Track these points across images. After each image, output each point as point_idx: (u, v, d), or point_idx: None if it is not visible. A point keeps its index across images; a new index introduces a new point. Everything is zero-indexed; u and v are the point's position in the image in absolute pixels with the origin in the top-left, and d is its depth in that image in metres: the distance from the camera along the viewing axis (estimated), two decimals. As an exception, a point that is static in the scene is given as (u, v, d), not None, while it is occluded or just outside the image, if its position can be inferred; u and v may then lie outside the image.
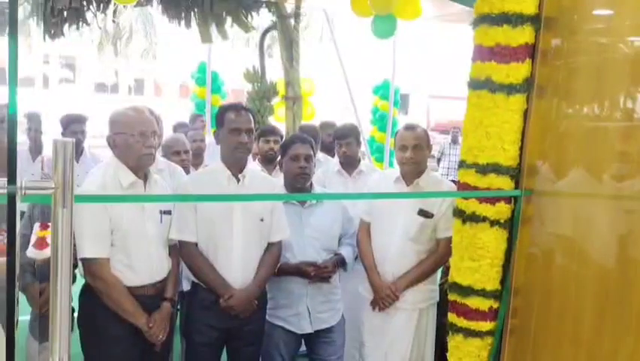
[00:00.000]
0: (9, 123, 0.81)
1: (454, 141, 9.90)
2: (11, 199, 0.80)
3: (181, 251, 2.58)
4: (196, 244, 2.56)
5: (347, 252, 2.95)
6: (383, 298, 2.81)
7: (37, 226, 2.30)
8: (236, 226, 2.55)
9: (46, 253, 2.19)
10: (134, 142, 2.32)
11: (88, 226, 2.25)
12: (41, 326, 2.70)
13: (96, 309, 2.32)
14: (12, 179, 0.80)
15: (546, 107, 2.06)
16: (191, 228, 2.53)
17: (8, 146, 0.80)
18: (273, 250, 2.67)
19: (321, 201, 2.92)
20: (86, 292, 2.39)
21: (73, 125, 4.58)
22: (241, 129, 2.57)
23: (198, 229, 2.54)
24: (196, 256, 2.55)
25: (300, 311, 2.83)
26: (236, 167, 2.61)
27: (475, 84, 2.17)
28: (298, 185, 2.84)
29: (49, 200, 0.88)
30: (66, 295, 0.90)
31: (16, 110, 0.82)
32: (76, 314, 2.49)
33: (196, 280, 2.62)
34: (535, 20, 2.05)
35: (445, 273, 2.84)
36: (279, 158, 3.09)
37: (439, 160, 10.13)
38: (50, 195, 0.88)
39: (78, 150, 4.63)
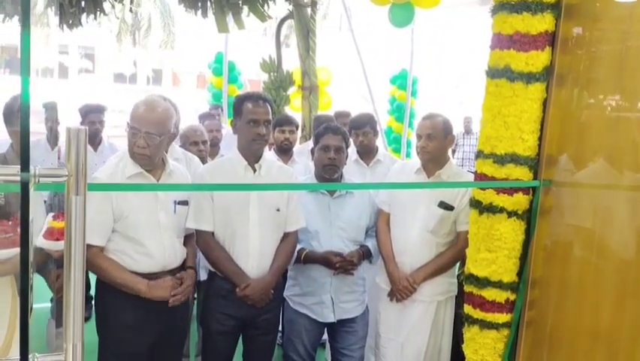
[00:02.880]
0: (22, 112, 0.81)
1: (467, 131, 9.78)
2: (24, 187, 0.80)
3: (197, 240, 2.60)
4: (212, 234, 2.58)
5: (373, 244, 2.95)
6: (400, 290, 2.80)
7: (50, 215, 2.21)
8: (252, 215, 2.55)
9: (56, 244, 2.07)
10: (131, 137, 2.33)
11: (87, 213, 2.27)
12: (58, 311, 2.73)
13: (111, 296, 2.35)
14: (25, 166, 0.80)
15: (566, 96, 2.02)
16: (207, 217, 2.55)
17: (21, 134, 0.80)
18: (289, 239, 2.68)
19: (350, 192, 2.92)
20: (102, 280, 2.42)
21: (91, 114, 4.64)
22: (259, 120, 2.55)
23: (215, 218, 2.56)
24: (212, 246, 2.57)
25: (324, 300, 2.84)
26: (253, 157, 2.61)
27: (494, 73, 2.14)
28: (327, 175, 2.84)
29: (62, 188, 0.89)
30: (79, 281, 0.90)
31: (29, 98, 0.82)
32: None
33: (213, 269, 2.63)
34: (555, 7, 2.01)
35: (463, 264, 2.82)
36: (310, 147, 3.09)
37: (453, 151, 10.00)
38: (63, 182, 0.88)
39: (96, 140, 4.69)
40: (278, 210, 2.60)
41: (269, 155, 3.66)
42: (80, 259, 0.91)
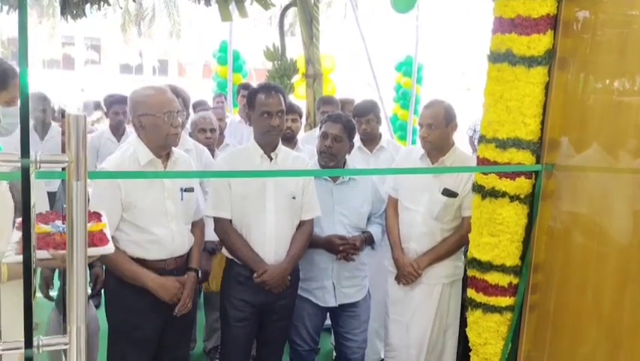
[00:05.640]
0: (21, 100, 0.83)
1: None
2: (25, 173, 0.82)
3: (216, 228, 2.65)
4: (230, 221, 2.61)
5: (375, 230, 2.97)
6: (405, 276, 2.83)
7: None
8: (268, 204, 2.59)
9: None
10: (161, 123, 2.33)
11: (94, 203, 2.29)
12: (62, 300, 2.75)
13: (119, 282, 2.38)
14: (25, 152, 0.81)
15: (568, 79, 2.01)
16: (225, 205, 2.59)
17: (21, 122, 0.82)
18: (306, 227, 2.71)
19: (353, 179, 2.94)
20: (107, 266, 2.45)
21: (115, 105, 4.68)
22: (272, 112, 2.58)
23: (232, 206, 2.59)
24: (230, 233, 2.61)
25: (325, 285, 2.87)
26: (269, 146, 2.64)
27: (495, 57, 2.13)
28: (323, 162, 2.89)
29: (62, 175, 0.90)
30: (82, 265, 0.92)
31: (28, 88, 0.83)
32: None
33: (230, 257, 2.66)
34: (557, -10, 2.00)
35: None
36: (317, 134, 3.12)
37: (472, 138, 9.88)
38: (64, 169, 0.90)
39: (119, 131, 4.74)
40: (294, 198, 2.64)
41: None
42: (82, 244, 0.92)
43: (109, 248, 1.91)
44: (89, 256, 1.88)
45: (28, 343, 0.87)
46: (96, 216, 2.07)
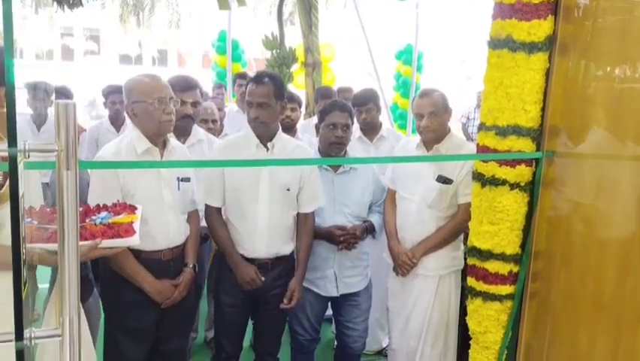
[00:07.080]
0: (7, 90, 0.81)
1: (480, 105, 9.61)
2: (13, 163, 0.80)
3: (206, 214, 2.64)
4: (219, 210, 2.60)
5: (377, 219, 2.96)
6: (400, 265, 2.81)
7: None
8: (261, 194, 2.56)
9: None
10: (153, 110, 2.31)
11: (94, 192, 2.28)
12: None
13: (115, 273, 2.36)
14: (12, 141, 0.80)
15: (569, 66, 1.99)
16: (216, 193, 2.58)
17: (7, 111, 0.80)
18: (308, 224, 2.70)
19: (354, 169, 2.92)
20: (106, 258, 2.43)
21: (112, 95, 4.66)
22: (252, 103, 2.55)
23: (225, 195, 2.58)
24: (218, 224, 2.61)
25: (327, 275, 2.86)
26: (265, 135, 2.60)
27: (495, 43, 2.10)
28: (332, 153, 2.85)
29: (52, 166, 0.89)
30: (74, 256, 0.91)
31: (14, 78, 0.81)
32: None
33: None
34: (557, -25, 1.97)
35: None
36: (315, 122, 3.09)
37: (466, 125, 9.84)
38: (54, 158, 0.88)
39: (118, 121, 4.71)
40: (288, 190, 2.60)
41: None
42: (74, 234, 0.91)
43: (134, 240, 1.91)
44: (114, 246, 1.92)
45: (19, 335, 0.86)
46: (131, 208, 2.06)
